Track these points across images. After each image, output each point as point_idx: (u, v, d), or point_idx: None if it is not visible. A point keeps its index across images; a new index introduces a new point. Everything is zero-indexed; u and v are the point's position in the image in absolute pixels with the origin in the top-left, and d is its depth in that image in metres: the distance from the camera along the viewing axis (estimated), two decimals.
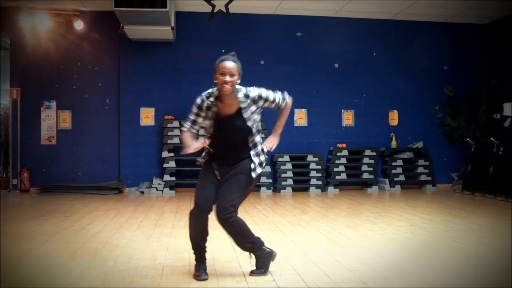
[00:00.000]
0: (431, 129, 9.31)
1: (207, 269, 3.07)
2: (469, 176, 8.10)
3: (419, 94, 9.28)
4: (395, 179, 8.81)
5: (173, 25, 7.79)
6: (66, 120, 8.56)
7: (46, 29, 8.29)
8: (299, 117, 9.01)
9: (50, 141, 8.52)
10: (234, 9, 7.82)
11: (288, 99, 3.18)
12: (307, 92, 8.89)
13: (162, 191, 8.21)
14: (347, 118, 9.16)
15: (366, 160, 8.77)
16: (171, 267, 3.31)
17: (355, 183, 8.89)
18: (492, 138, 7.83)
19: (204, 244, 3.04)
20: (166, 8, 7.02)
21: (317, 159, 8.62)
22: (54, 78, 8.51)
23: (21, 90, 8.43)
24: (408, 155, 8.99)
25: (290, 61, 8.92)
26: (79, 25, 8.30)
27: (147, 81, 8.62)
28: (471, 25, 9.38)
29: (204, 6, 7.22)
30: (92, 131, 8.58)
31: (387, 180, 8.81)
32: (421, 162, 8.95)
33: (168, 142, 8.30)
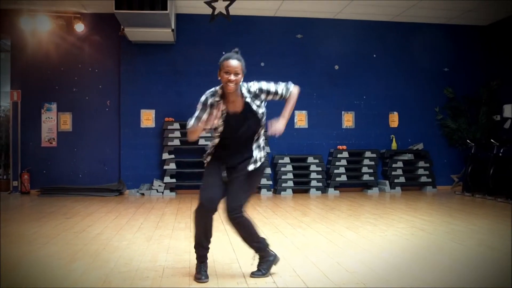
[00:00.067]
0: (431, 130, 9.32)
1: (208, 271, 3.07)
2: (470, 177, 8.11)
3: (419, 95, 9.29)
4: (396, 180, 8.82)
5: (173, 27, 7.80)
6: (66, 122, 8.58)
7: (46, 31, 8.30)
8: (300, 119, 9.01)
9: (51, 143, 8.53)
10: (235, 11, 7.84)
11: (293, 88, 3.09)
12: (307, 94, 8.89)
13: (162, 193, 8.21)
14: (348, 120, 9.16)
15: (366, 161, 8.77)
16: (171, 269, 3.31)
17: (355, 184, 8.89)
18: (492, 140, 7.83)
19: (207, 244, 3.05)
20: (167, 10, 7.04)
21: (317, 160, 8.62)
22: (54, 80, 8.53)
23: (21, 92, 8.45)
24: (408, 156, 9.00)
25: (290, 63, 8.92)
26: (79, 27, 8.31)
27: (147, 83, 8.63)
28: (471, 26, 9.39)
29: (204, 8, 7.23)
30: (93, 133, 8.59)
31: (387, 182, 8.81)
32: (421, 163, 8.95)
33: (168, 144, 8.31)
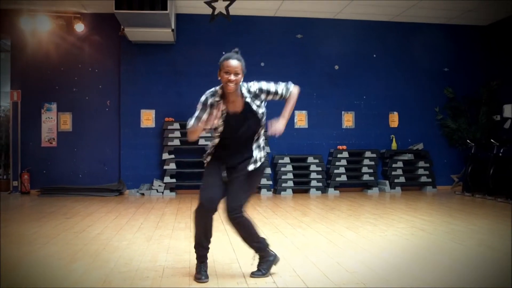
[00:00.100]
0: (431, 130, 9.32)
1: (208, 271, 3.07)
2: (469, 177, 8.11)
3: (419, 95, 9.29)
4: (396, 180, 8.82)
5: (173, 27, 7.80)
6: (66, 122, 8.58)
7: (46, 31, 8.30)
8: (300, 119, 9.01)
9: (51, 143, 8.53)
10: (235, 11, 7.84)
11: (293, 88, 3.08)
12: (307, 94, 8.88)
13: (162, 193, 8.21)
14: (348, 120, 9.16)
15: (366, 161, 8.77)
16: (171, 269, 3.31)
17: (355, 184, 8.89)
18: (492, 140, 7.83)
19: (207, 244, 3.05)
20: (167, 10, 7.04)
21: (317, 160, 8.62)
22: (54, 80, 8.53)
23: (21, 92, 8.45)
24: (408, 156, 9.00)
25: (290, 63, 8.92)
26: (79, 27, 8.31)
27: (147, 83, 8.63)
28: (471, 26, 9.39)
29: (204, 8, 7.24)
30: (93, 133, 8.59)
31: (387, 182, 8.81)
32: (421, 163, 8.95)
33: (168, 144, 8.31)
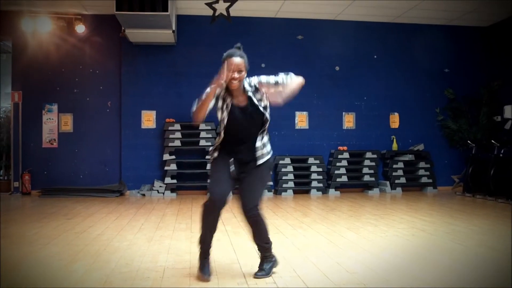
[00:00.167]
0: (432, 131, 9.32)
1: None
2: (470, 178, 8.11)
3: (420, 96, 9.29)
4: (396, 181, 8.82)
5: (174, 28, 7.81)
6: (67, 123, 8.59)
7: (47, 33, 8.32)
8: (300, 120, 9.02)
9: (52, 144, 8.55)
10: (235, 13, 7.85)
11: (295, 77, 3.02)
12: (308, 95, 8.89)
13: (163, 193, 8.21)
14: (348, 121, 9.16)
15: (367, 162, 8.77)
16: (172, 269, 3.32)
17: (356, 185, 8.90)
18: (493, 141, 7.83)
19: (211, 240, 3.08)
20: (167, 11, 7.04)
21: (318, 161, 8.63)
22: (55, 81, 8.54)
23: (22, 93, 8.47)
24: (409, 157, 9.00)
25: (291, 64, 8.91)
26: (80, 28, 8.33)
27: (148, 84, 8.64)
28: (472, 27, 9.40)
29: (205, 9, 7.25)
30: (94, 134, 8.60)
31: (388, 183, 8.81)
32: (422, 164, 8.95)
33: (169, 144, 8.32)
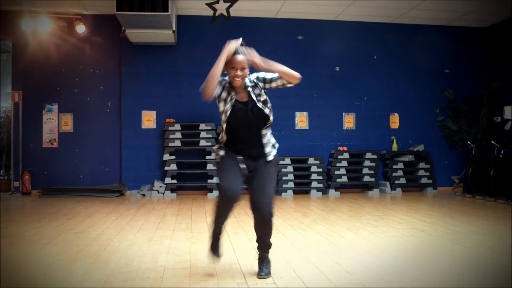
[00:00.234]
0: (432, 132, 9.31)
1: (208, 271, 3.08)
2: (470, 179, 8.10)
3: (420, 97, 9.29)
4: (396, 182, 8.82)
5: (174, 28, 7.81)
6: (67, 123, 8.59)
7: (47, 33, 8.31)
8: (300, 120, 9.02)
9: (52, 143, 8.55)
10: (235, 13, 7.85)
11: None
12: (308, 95, 8.90)
13: (163, 193, 8.21)
14: (348, 121, 9.17)
15: (367, 163, 8.78)
16: (172, 269, 3.32)
17: (356, 186, 8.90)
18: (492, 141, 7.83)
19: (220, 234, 3.13)
20: (168, 11, 7.04)
21: (318, 162, 8.63)
22: (55, 81, 8.54)
23: (22, 93, 8.47)
24: (409, 158, 9.00)
25: (291, 64, 8.69)
26: (80, 28, 8.33)
27: (148, 84, 8.64)
28: (472, 28, 9.40)
29: (205, 10, 7.25)
30: (94, 134, 8.60)
31: (388, 183, 8.81)
32: (422, 165, 8.95)
33: (169, 145, 8.32)
